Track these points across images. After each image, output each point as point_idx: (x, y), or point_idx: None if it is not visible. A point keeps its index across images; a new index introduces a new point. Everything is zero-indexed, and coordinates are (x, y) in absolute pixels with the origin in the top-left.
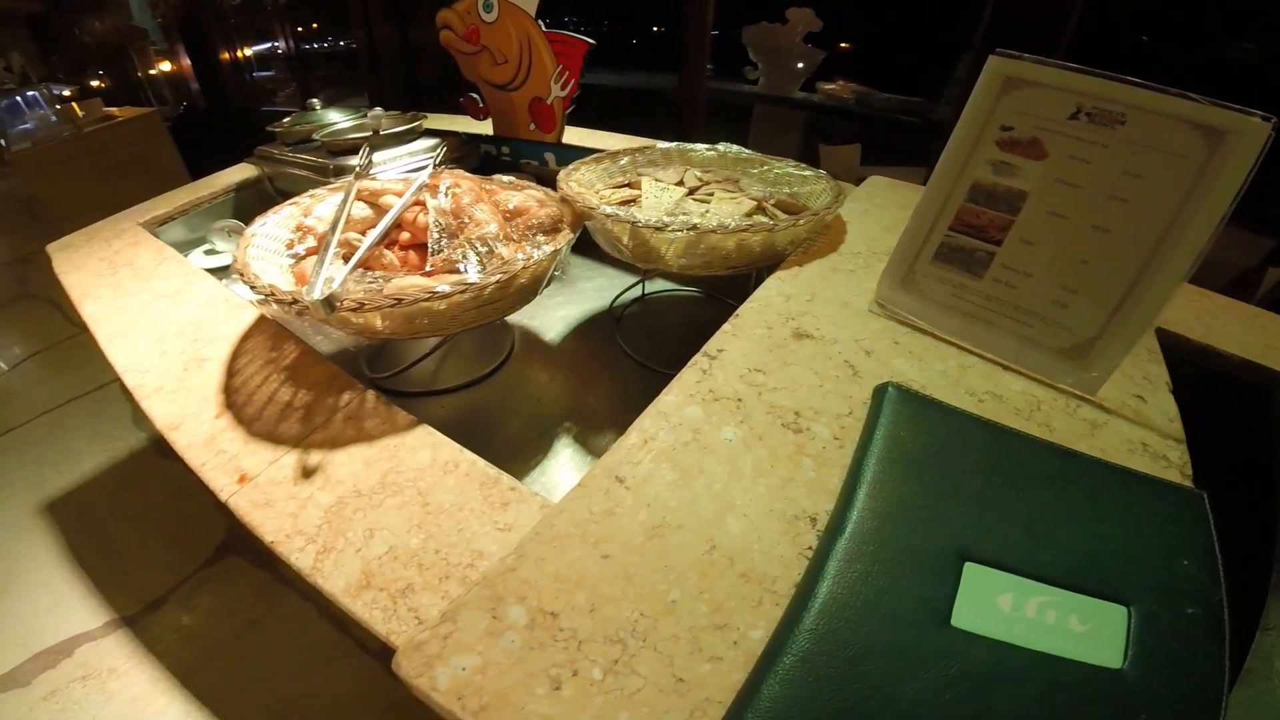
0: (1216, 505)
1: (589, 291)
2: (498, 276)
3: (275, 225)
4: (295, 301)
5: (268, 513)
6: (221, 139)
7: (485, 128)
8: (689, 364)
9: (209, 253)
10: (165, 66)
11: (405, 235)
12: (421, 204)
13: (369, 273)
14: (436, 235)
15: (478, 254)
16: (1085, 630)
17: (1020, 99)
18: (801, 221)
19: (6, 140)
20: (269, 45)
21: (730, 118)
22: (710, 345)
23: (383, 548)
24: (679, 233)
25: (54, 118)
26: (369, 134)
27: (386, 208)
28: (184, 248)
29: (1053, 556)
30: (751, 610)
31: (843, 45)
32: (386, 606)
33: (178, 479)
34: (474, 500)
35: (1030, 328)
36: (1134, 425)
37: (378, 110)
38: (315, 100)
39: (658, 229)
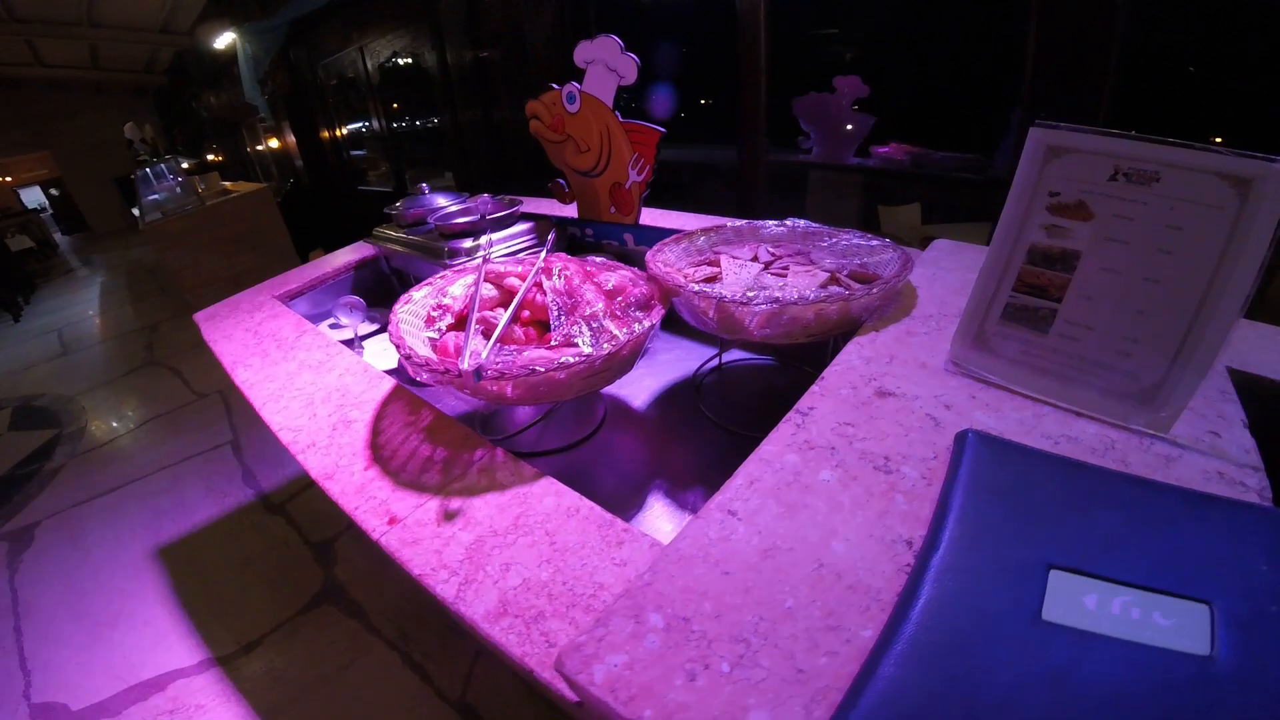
0: None
1: (669, 363)
2: (610, 349)
3: (417, 304)
4: (447, 371)
5: (415, 550)
6: (323, 216)
7: (569, 210)
8: (784, 419)
9: (333, 326)
10: (273, 144)
11: (527, 313)
12: (539, 285)
13: (503, 347)
14: (556, 313)
15: (591, 330)
16: (1170, 624)
17: (1063, 166)
18: (875, 290)
19: (140, 210)
20: (362, 125)
21: (786, 187)
22: (801, 404)
23: (517, 580)
24: (763, 306)
25: (179, 189)
26: (477, 218)
27: (511, 288)
28: (311, 321)
29: (1133, 565)
30: (860, 614)
31: (888, 106)
32: (521, 632)
33: (281, 532)
34: (593, 540)
35: (1098, 377)
36: (1209, 457)
37: (484, 196)
38: (424, 185)
39: (743, 303)
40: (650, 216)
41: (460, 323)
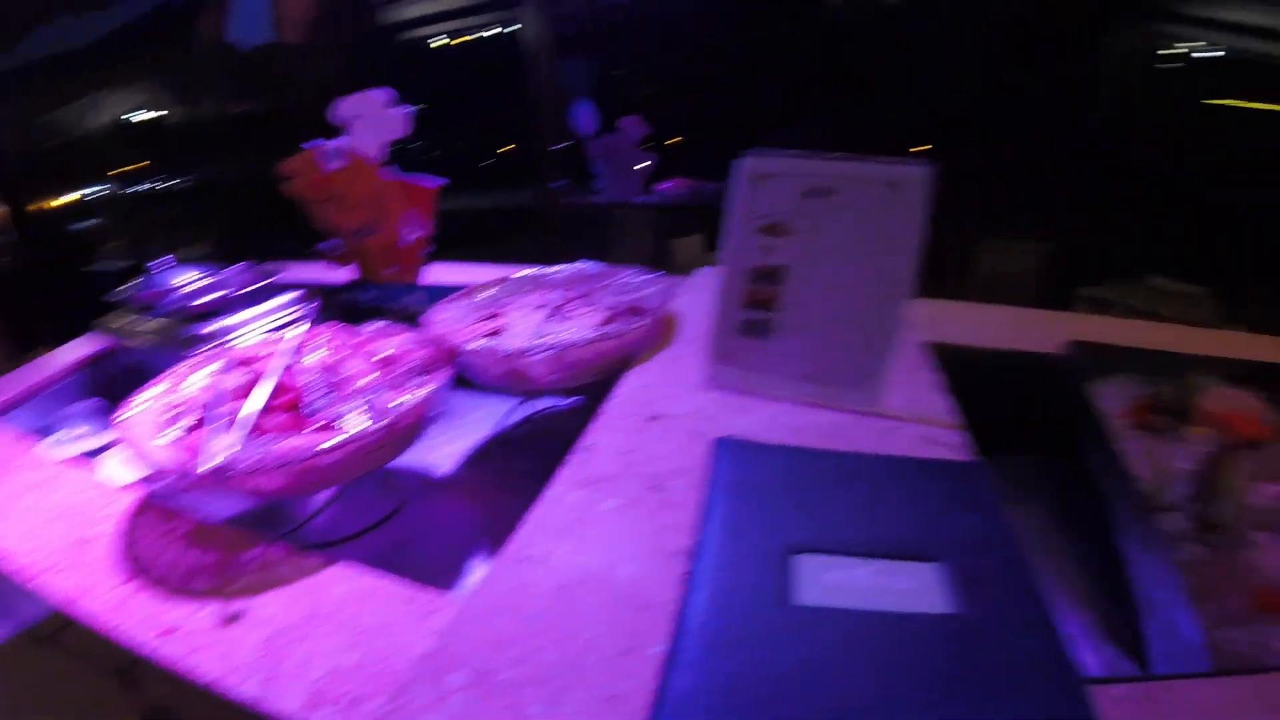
0: (1036, 470)
1: (474, 422)
2: (380, 425)
3: (149, 403)
4: (187, 475)
5: (200, 657)
6: (46, 301)
7: (345, 275)
8: (567, 459)
9: (64, 439)
10: None
11: (289, 397)
12: (297, 364)
13: (257, 437)
14: (316, 394)
15: (359, 406)
16: (910, 587)
17: (767, 190)
18: (641, 322)
19: None
20: (99, 189)
21: (591, 228)
22: (584, 440)
23: (323, 670)
24: (541, 354)
25: None
26: (225, 293)
27: (262, 373)
28: (38, 433)
29: (868, 537)
30: (653, 630)
31: (672, 142)
32: (340, 717)
33: (61, 666)
34: (401, 615)
35: (817, 371)
36: (918, 425)
37: (240, 266)
38: (163, 259)
39: (521, 354)
40: (440, 272)
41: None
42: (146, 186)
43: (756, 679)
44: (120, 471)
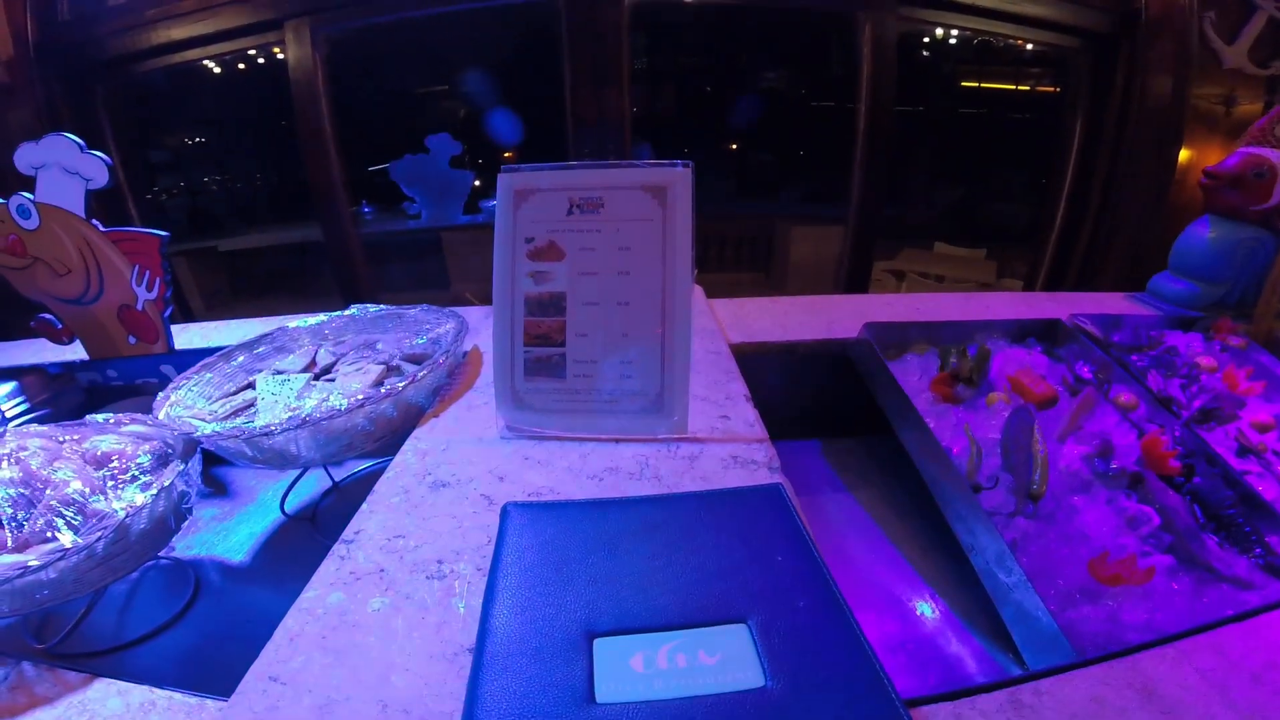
0: (866, 451)
1: (269, 500)
2: (94, 537)
3: None
4: None
5: None
6: None
7: (75, 352)
8: (328, 555)
9: None
10: None
11: None
12: None
13: None
14: (11, 511)
15: (66, 518)
16: (717, 660)
17: (532, 208)
18: (423, 374)
19: None
20: None
21: (414, 256)
22: (347, 531)
23: None
24: (294, 430)
25: None
26: None
27: None
28: None
29: (667, 601)
30: None
31: (506, 156)
32: None
33: None
34: None
35: (617, 403)
36: (724, 444)
37: None
38: None
39: (265, 435)
40: (202, 332)
41: None
42: None
43: None
44: None
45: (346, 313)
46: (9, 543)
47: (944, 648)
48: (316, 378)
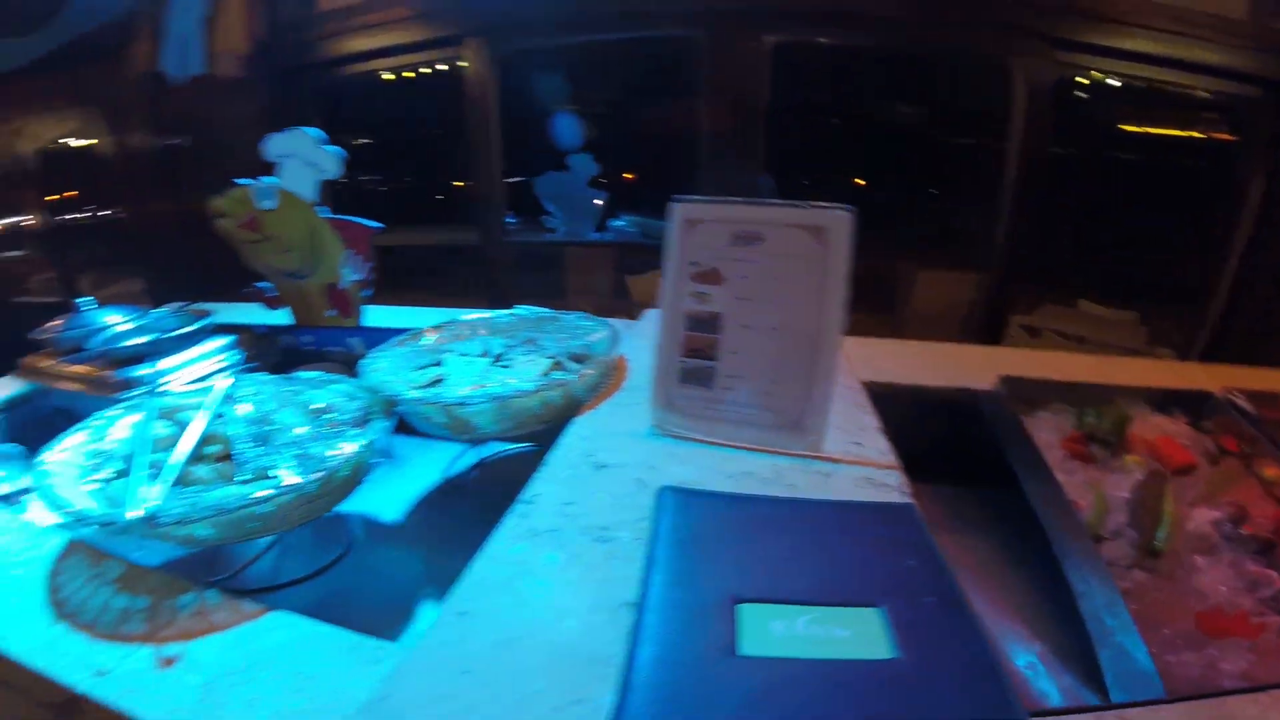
0: (979, 502)
1: (423, 467)
2: (314, 477)
3: (70, 450)
4: (112, 523)
5: (139, 697)
6: None
7: (280, 317)
8: (509, 511)
9: None
10: None
11: (218, 448)
12: (226, 414)
13: (186, 487)
14: (245, 445)
15: (290, 457)
16: (850, 634)
17: (699, 236)
18: (588, 371)
19: None
20: (18, 220)
21: (539, 267)
22: (526, 492)
23: (268, 714)
24: (484, 404)
25: None
26: (154, 337)
27: (189, 422)
28: None
29: (805, 584)
30: (600, 683)
31: (626, 177)
32: None
33: None
34: (345, 662)
35: (757, 416)
36: (857, 466)
37: (174, 306)
38: (88, 299)
39: (462, 404)
40: (381, 314)
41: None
42: (74, 218)
43: None
44: (44, 516)
45: (515, 310)
46: (232, 476)
47: (1032, 681)
48: (493, 364)
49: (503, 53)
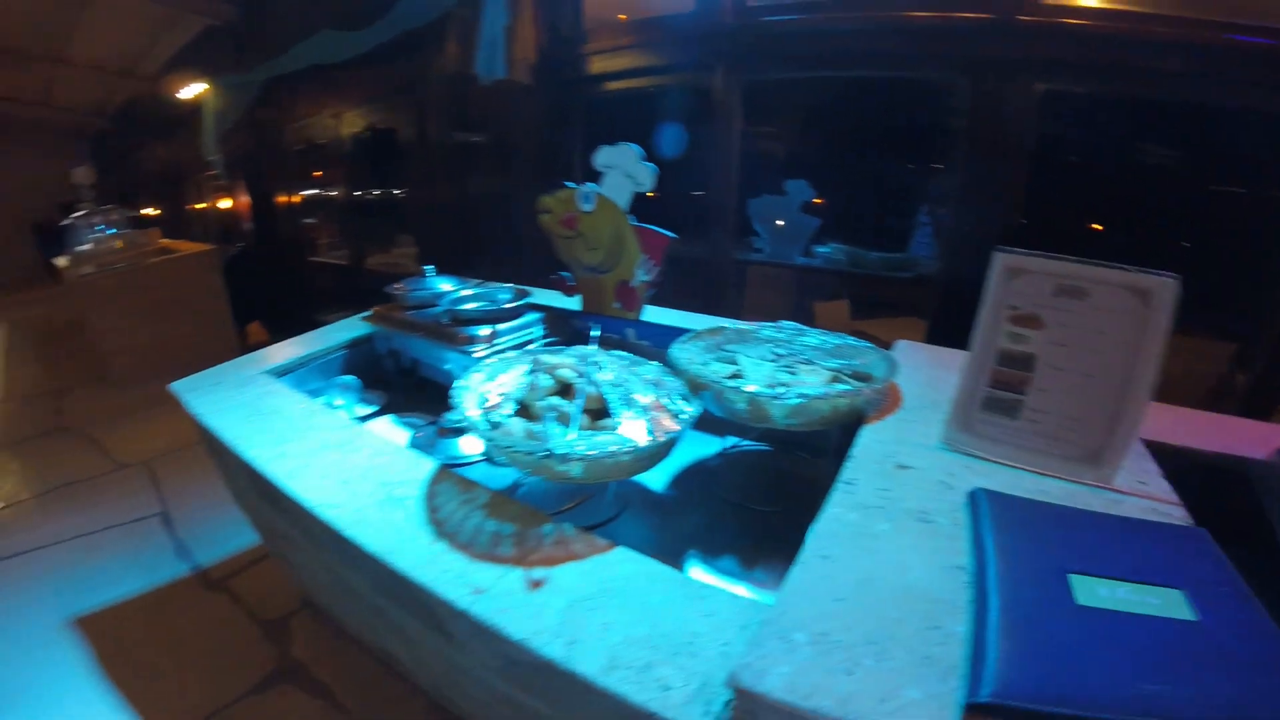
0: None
1: (676, 450)
2: (670, 436)
3: (476, 390)
4: (549, 455)
5: (509, 616)
6: (269, 285)
7: (570, 302)
8: (833, 489)
9: (334, 405)
10: (224, 204)
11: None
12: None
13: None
14: (614, 402)
15: (648, 418)
16: (1160, 602)
17: (1020, 284)
18: (878, 386)
19: (67, 262)
20: (322, 191)
21: (745, 283)
22: (844, 476)
23: (619, 637)
24: (794, 400)
25: (120, 243)
26: (486, 306)
27: (562, 380)
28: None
29: (1122, 570)
30: (949, 617)
31: (818, 203)
32: (635, 681)
33: (222, 610)
34: (678, 596)
35: (1056, 447)
36: (1143, 500)
37: (502, 284)
38: (429, 267)
39: (774, 398)
40: (648, 313)
41: (525, 410)
42: (374, 195)
43: (1058, 647)
44: (466, 444)
45: (778, 323)
46: (610, 427)
47: None
48: (780, 368)
49: (748, 80)
